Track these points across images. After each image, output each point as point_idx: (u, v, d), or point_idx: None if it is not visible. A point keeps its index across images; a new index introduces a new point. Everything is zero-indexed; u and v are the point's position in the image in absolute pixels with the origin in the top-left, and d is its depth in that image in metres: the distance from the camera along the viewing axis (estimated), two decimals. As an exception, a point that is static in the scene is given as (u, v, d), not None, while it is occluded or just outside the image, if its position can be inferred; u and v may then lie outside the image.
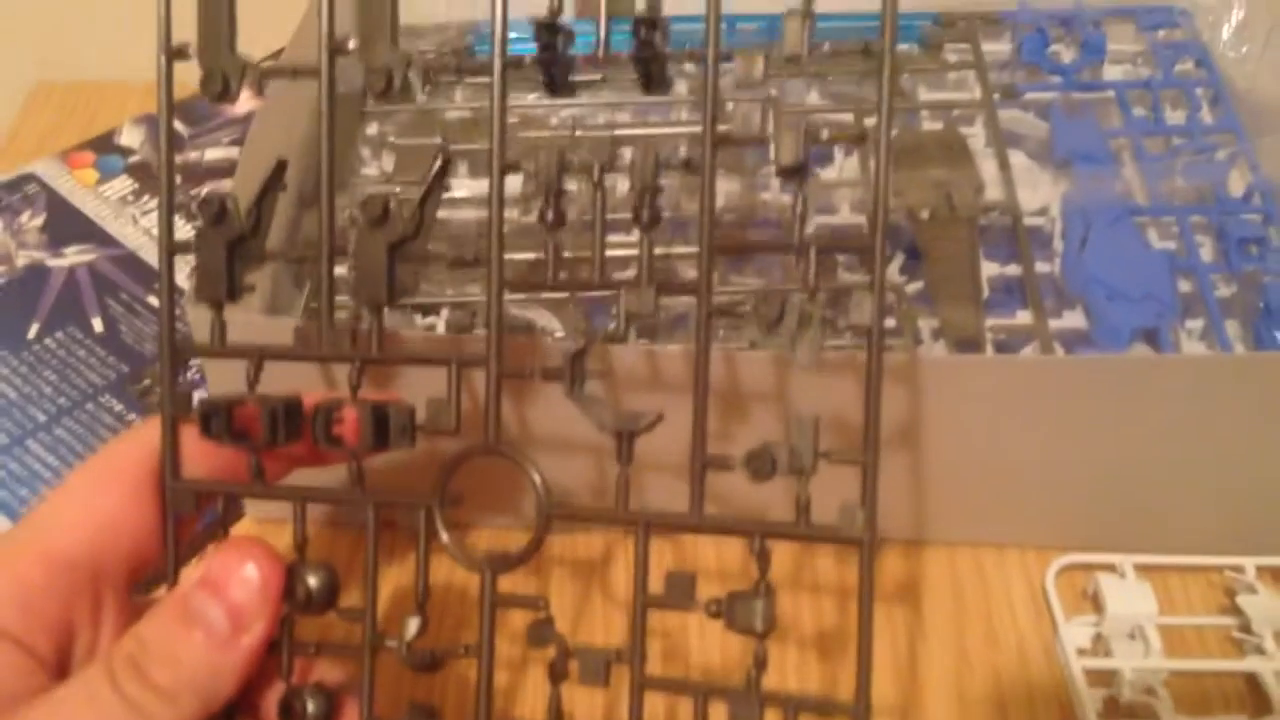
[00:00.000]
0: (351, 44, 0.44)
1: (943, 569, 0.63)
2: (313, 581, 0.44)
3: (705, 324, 0.42)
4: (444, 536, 0.44)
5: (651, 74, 0.54)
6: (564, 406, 0.43)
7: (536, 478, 0.43)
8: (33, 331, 0.75)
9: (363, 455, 0.44)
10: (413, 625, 0.44)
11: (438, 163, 0.44)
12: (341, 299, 0.45)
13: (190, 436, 0.45)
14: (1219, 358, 0.60)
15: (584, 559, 0.64)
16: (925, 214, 0.65)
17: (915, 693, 0.59)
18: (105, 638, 0.43)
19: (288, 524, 0.45)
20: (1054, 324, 0.63)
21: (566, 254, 0.64)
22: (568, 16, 0.55)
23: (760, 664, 0.42)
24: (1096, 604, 0.61)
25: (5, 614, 0.41)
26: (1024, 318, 0.63)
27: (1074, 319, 0.63)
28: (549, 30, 0.54)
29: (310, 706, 0.44)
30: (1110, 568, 0.61)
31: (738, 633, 0.41)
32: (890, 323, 0.62)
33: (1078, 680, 0.58)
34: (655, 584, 0.42)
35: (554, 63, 0.56)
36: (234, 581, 0.42)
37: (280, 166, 0.45)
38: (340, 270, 0.44)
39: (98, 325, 0.76)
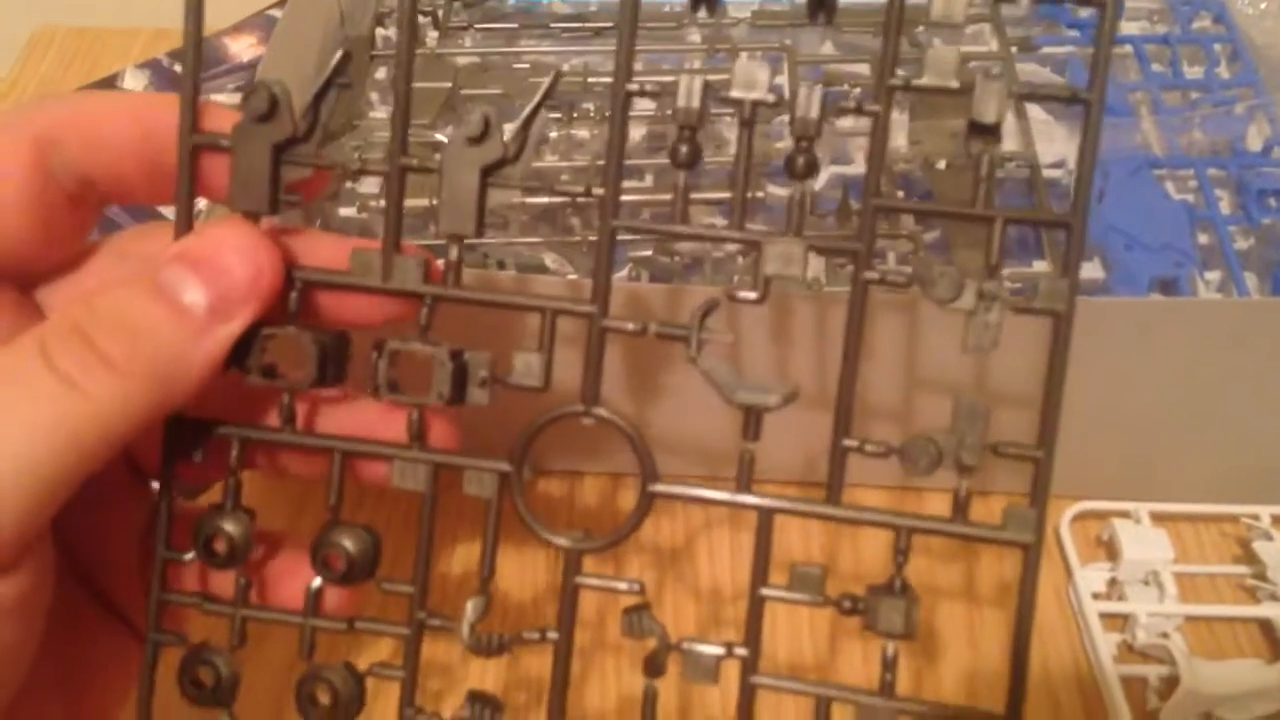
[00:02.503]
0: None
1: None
2: (350, 546, 0.28)
3: (863, 288, 0.27)
4: (522, 508, 0.28)
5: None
6: (673, 370, 0.27)
7: (639, 449, 0.28)
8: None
9: (429, 409, 0.28)
10: (478, 605, 0.28)
11: (337, 56, 0.28)
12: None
13: None
14: (1237, 302, 0.47)
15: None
16: (942, 163, 0.50)
17: (927, 640, 0.46)
18: None
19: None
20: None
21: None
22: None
23: (891, 667, 0.27)
24: (1110, 551, 0.47)
25: None
26: (1040, 268, 0.49)
27: (1091, 270, 0.49)
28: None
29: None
30: (1125, 514, 0.48)
31: (876, 634, 0.27)
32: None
33: (1092, 624, 0.45)
34: (742, 575, 0.28)
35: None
36: (220, 260, 0.26)
37: (345, 58, 0.28)
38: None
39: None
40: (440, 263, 0.28)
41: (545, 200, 0.51)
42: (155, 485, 0.30)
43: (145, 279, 0.26)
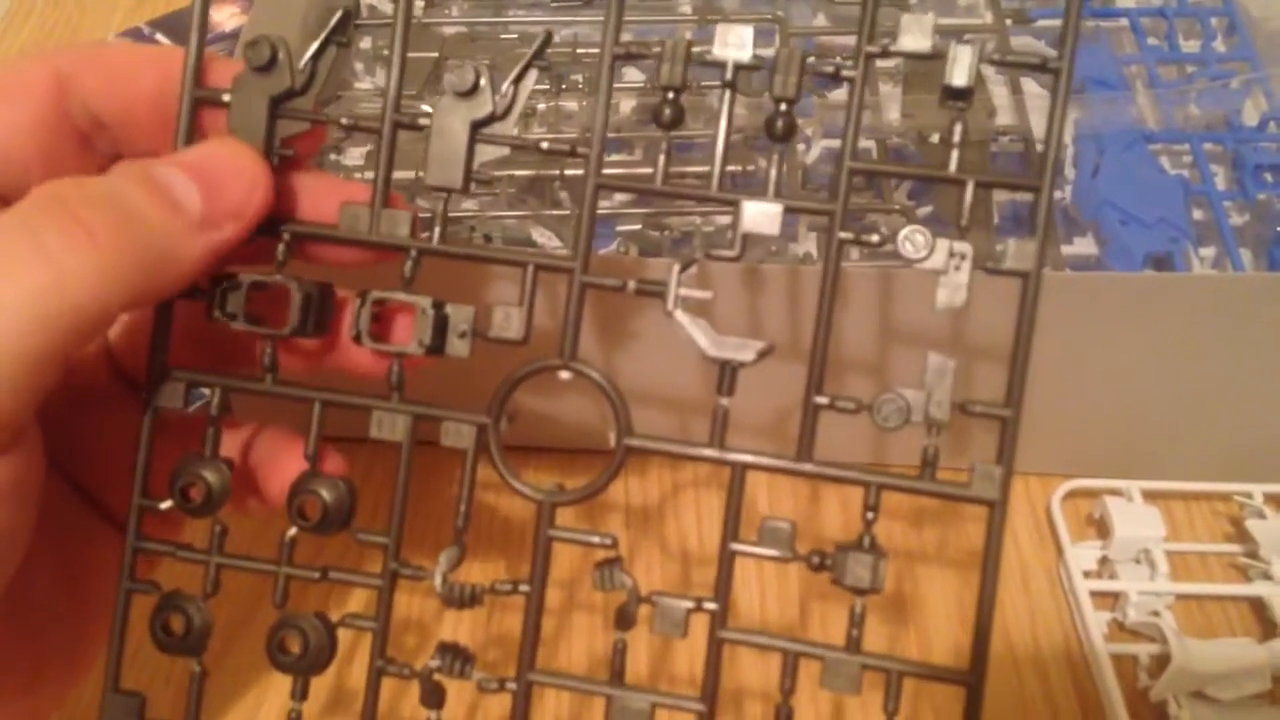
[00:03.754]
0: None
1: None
2: (326, 495, 0.29)
3: (837, 247, 0.28)
4: (498, 459, 0.29)
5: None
6: (649, 329, 0.29)
7: (615, 403, 0.29)
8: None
9: (410, 360, 0.29)
10: (451, 555, 0.30)
11: (337, 15, 0.29)
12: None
13: (183, 317, 0.30)
14: (1232, 277, 0.48)
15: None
16: (935, 137, 0.51)
17: (916, 615, 0.47)
18: None
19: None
20: (1065, 250, 0.50)
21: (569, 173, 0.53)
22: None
23: (859, 623, 0.28)
24: (1101, 529, 0.49)
25: None
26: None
27: (1085, 245, 0.51)
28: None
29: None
30: (1117, 492, 0.49)
31: (844, 588, 0.28)
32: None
33: (1083, 602, 0.46)
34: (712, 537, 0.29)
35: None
36: (216, 169, 0.27)
37: (345, 16, 0.29)
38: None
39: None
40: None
41: (532, 172, 0.52)
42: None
43: (139, 169, 0.27)
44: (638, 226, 0.51)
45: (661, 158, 0.29)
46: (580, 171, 0.29)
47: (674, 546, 0.48)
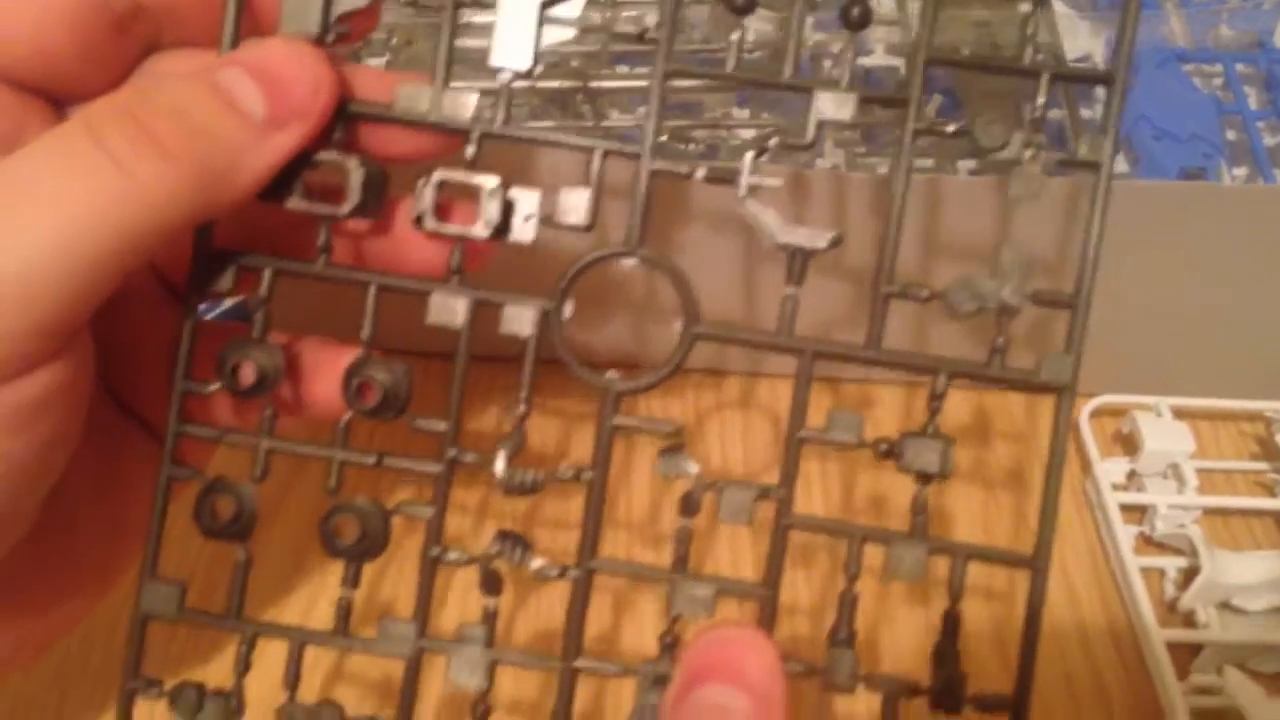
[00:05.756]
0: None
1: (968, 412, 0.50)
2: (384, 378, 0.29)
3: (911, 135, 0.28)
4: (560, 346, 0.29)
5: None
6: (717, 222, 0.30)
7: (684, 291, 0.29)
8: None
9: (471, 248, 0.29)
10: (511, 442, 0.29)
11: None
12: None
13: None
14: (1267, 189, 0.47)
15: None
16: (965, 53, 0.51)
17: (946, 534, 0.46)
18: None
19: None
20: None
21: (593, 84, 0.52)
22: None
23: (923, 509, 0.28)
24: (1128, 446, 0.49)
25: None
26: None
27: (1117, 163, 0.49)
28: None
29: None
30: (1146, 407, 0.49)
31: (912, 474, 0.28)
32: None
33: (1112, 515, 0.46)
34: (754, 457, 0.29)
35: None
36: (279, 70, 0.26)
37: None
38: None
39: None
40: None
41: (556, 84, 0.51)
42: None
43: (202, 75, 0.26)
44: (664, 138, 0.51)
45: (735, 37, 0.28)
46: (649, 45, 0.28)
47: (715, 467, 0.48)
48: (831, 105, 0.28)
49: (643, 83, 0.52)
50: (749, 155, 0.28)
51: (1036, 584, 0.28)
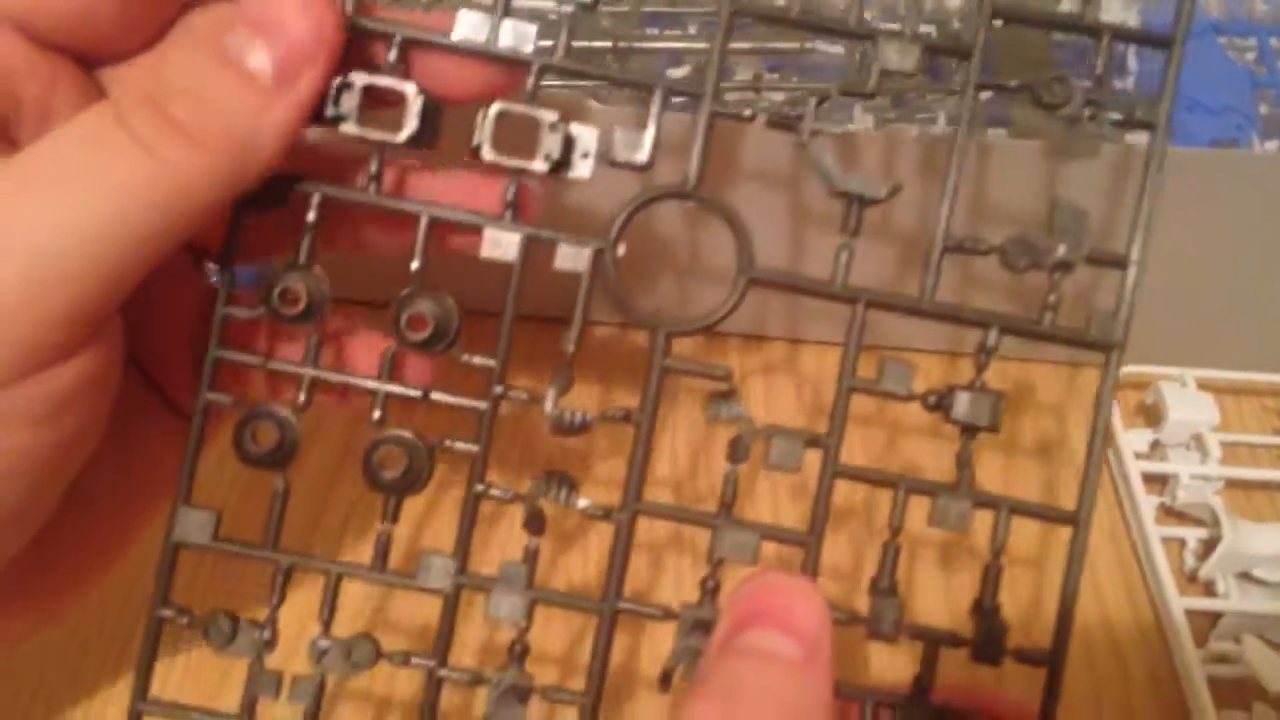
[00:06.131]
0: None
1: (998, 384, 0.50)
2: (434, 311, 0.28)
3: (974, 91, 0.29)
4: (614, 284, 0.28)
5: None
6: (774, 167, 0.29)
7: (740, 235, 0.28)
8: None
9: (526, 189, 0.28)
10: (561, 381, 0.29)
11: None
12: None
13: None
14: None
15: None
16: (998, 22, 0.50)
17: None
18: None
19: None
20: (1129, 139, 0.49)
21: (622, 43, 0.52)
22: None
23: (968, 463, 0.28)
24: (1151, 418, 0.49)
25: None
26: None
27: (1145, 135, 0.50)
28: None
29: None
30: (1171, 378, 0.49)
31: (960, 425, 0.28)
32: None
33: (1134, 484, 0.46)
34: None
35: None
36: (279, 18, 0.26)
37: None
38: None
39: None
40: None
41: (584, 43, 0.50)
42: (210, 267, 0.30)
43: (211, 45, 0.26)
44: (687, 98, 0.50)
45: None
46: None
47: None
48: (896, 55, 0.28)
49: (677, 45, 0.51)
50: (813, 101, 0.28)
51: (1079, 538, 0.28)
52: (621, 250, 0.28)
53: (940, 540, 0.44)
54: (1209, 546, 0.44)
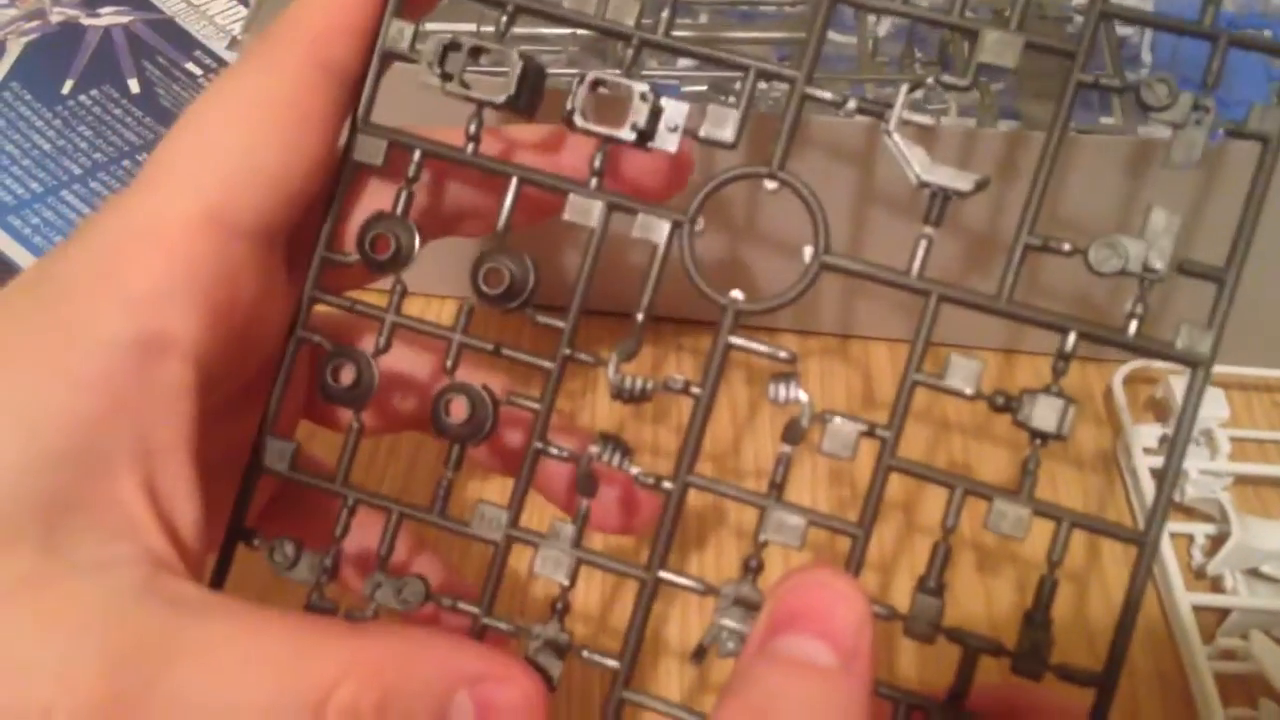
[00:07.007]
0: None
1: (999, 378, 0.45)
2: (511, 266, 0.24)
3: (1074, 89, 0.23)
4: (689, 260, 0.24)
5: None
6: (857, 153, 0.26)
7: (818, 218, 0.24)
8: (67, 87, 0.52)
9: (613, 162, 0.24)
10: (626, 347, 0.24)
11: None
12: None
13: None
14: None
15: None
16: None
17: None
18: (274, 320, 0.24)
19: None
20: (1142, 131, 0.43)
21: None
22: None
23: (1034, 469, 0.23)
24: (1160, 413, 0.44)
25: (169, 313, 0.21)
26: (1108, 123, 0.43)
27: (1161, 129, 0.44)
28: None
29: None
30: (1180, 373, 0.43)
31: (1028, 430, 0.23)
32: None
33: (1143, 479, 0.41)
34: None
35: None
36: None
37: None
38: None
39: (134, 86, 0.52)
40: None
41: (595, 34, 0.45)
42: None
43: None
44: (704, 88, 0.45)
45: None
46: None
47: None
48: (995, 48, 0.23)
49: (687, 33, 0.45)
50: (904, 88, 0.23)
51: (1144, 560, 0.23)
52: (700, 226, 0.24)
53: (980, 543, 0.39)
54: (1217, 542, 0.39)
